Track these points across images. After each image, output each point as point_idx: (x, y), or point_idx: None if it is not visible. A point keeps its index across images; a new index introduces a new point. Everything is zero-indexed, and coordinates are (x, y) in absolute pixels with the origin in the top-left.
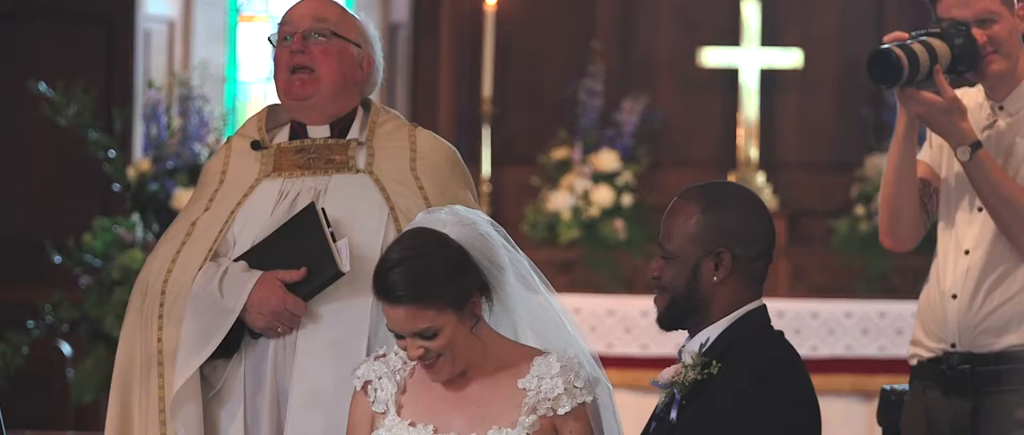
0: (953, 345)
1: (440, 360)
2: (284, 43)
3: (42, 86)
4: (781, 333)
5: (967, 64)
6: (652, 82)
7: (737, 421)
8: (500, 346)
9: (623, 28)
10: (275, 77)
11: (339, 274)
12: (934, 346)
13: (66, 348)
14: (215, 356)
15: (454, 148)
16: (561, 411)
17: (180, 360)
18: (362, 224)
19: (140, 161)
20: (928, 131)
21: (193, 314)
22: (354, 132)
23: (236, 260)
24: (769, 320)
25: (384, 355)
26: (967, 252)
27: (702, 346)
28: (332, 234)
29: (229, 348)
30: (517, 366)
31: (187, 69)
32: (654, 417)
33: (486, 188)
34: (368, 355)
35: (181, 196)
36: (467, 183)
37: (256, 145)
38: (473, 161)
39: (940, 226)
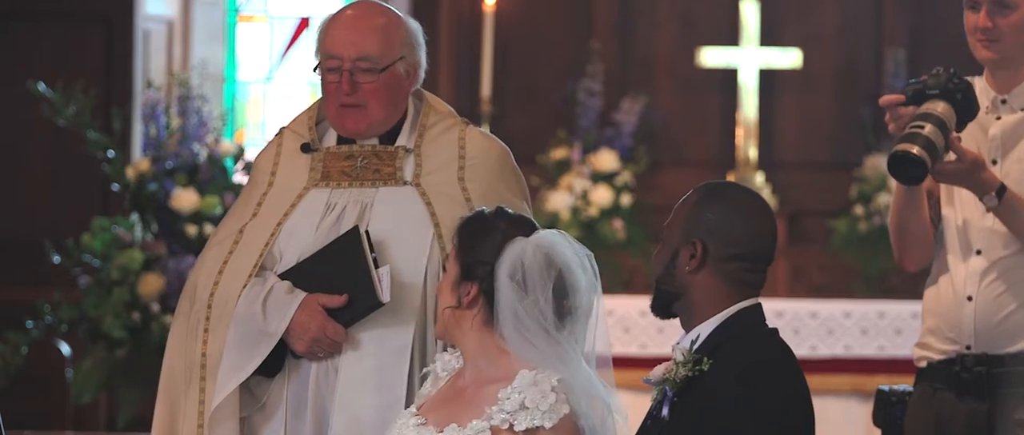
0: (968, 347)
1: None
2: (330, 74)
3: (41, 86)
4: (774, 331)
5: (971, 113)
6: (651, 82)
7: (725, 418)
8: (504, 359)
9: (622, 28)
10: (325, 103)
11: (379, 304)
12: (946, 348)
13: (65, 348)
14: (260, 373)
15: (506, 147)
16: (517, 427)
17: (220, 378)
18: (406, 244)
19: (139, 161)
20: None
21: (236, 333)
22: (403, 137)
23: (281, 277)
24: (763, 319)
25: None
26: (979, 252)
27: (693, 343)
28: (375, 259)
29: (274, 367)
30: (510, 378)
31: (186, 69)
32: (649, 415)
33: None
34: (409, 383)
35: (180, 196)
36: (518, 186)
37: (306, 148)
38: None
39: (945, 226)
